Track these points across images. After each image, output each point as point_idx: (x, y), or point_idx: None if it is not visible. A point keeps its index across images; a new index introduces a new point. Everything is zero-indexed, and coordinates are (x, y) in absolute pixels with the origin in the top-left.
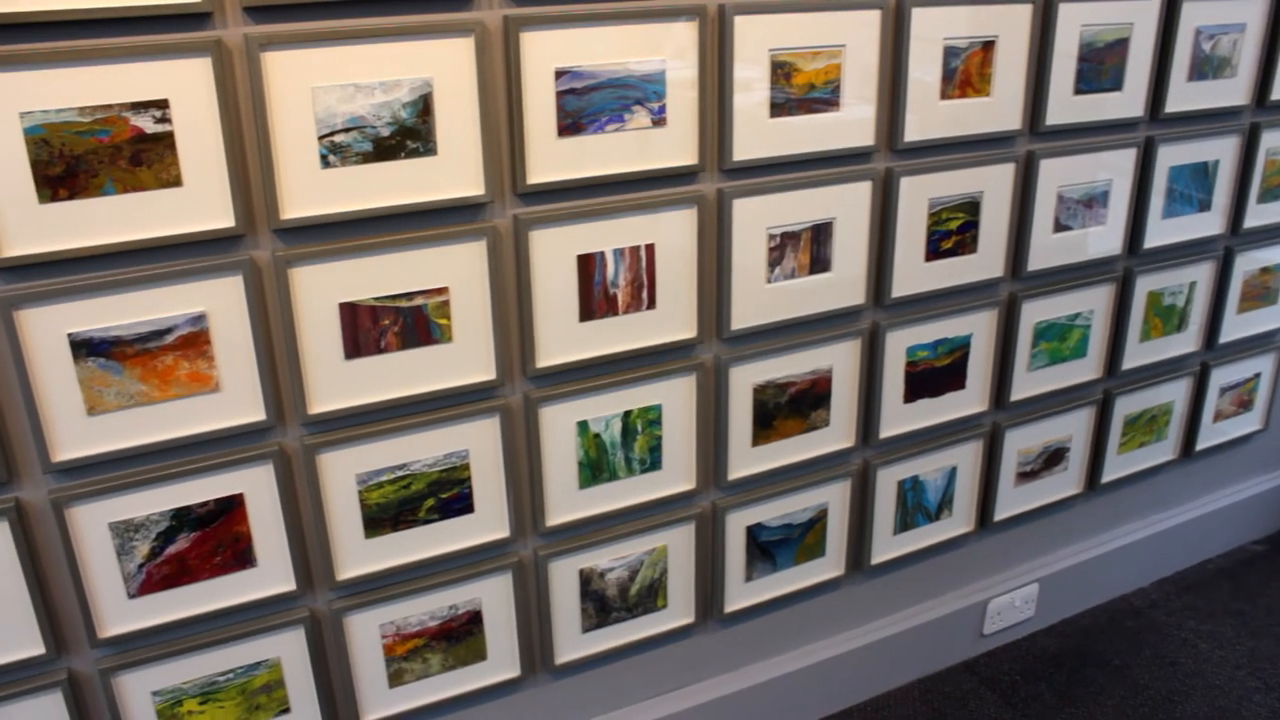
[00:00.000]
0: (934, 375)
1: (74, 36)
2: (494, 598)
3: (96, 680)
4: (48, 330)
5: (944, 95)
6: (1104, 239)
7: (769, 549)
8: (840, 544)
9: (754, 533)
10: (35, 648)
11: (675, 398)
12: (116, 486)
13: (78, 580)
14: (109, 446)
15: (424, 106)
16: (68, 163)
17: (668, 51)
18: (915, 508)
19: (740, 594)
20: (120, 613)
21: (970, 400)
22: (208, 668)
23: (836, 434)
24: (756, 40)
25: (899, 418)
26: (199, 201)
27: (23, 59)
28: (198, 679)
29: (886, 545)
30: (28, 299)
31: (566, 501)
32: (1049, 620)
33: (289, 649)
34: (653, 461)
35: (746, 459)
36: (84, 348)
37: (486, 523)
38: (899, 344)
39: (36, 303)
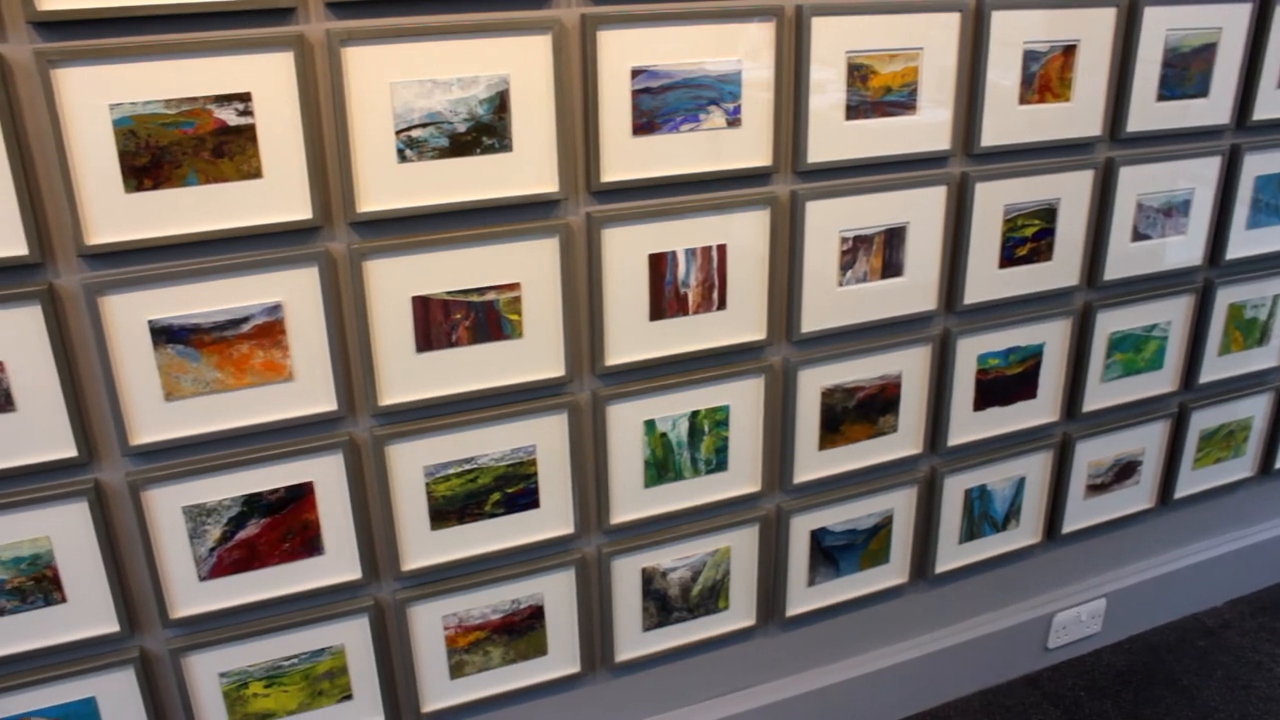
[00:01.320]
0: (1005, 383)
1: (162, 31)
2: (556, 593)
3: (167, 659)
4: (129, 317)
5: (1022, 100)
6: (1184, 249)
7: (832, 554)
8: (904, 551)
9: (818, 537)
10: (110, 625)
11: (743, 399)
12: (191, 471)
13: (152, 561)
14: (185, 432)
15: (500, 103)
16: (153, 153)
17: (744, 52)
18: (982, 517)
19: (802, 598)
20: (191, 594)
21: (1041, 410)
22: (273, 652)
23: (904, 440)
24: (833, 42)
25: (968, 425)
26: (278, 193)
27: (113, 53)
28: (263, 662)
29: (951, 554)
30: (111, 286)
31: (631, 500)
32: (1116, 636)
33: (353, 637)
34: (719, 462)
35: (812, 462)
36: (163, 334)
37: (551, 518)
38: (970, 351)
39: (120, 289)
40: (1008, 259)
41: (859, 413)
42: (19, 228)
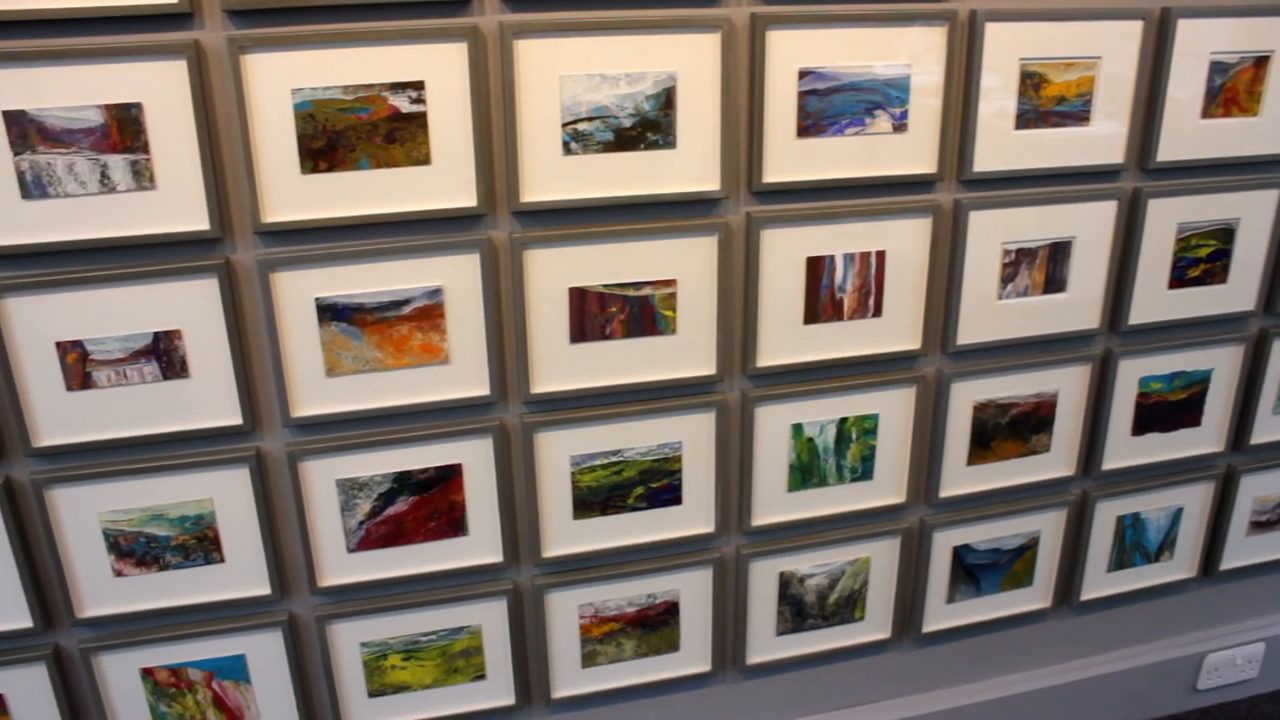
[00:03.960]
0: (1167, 409)
1: (344, 20)
2: (692, 591)
3: (313, 625)
4: (298, 293)
5: (1205, 113)
6: None
7: (974, 572)
8: (1049, 575)
9: (960, 554)
10: (263, 588)
11: (893, 408)
12: (346, 446)
13: (304, 530)
14: (343, 407)
15: (667, 100)
16: (329, 137)
17: (913, 56)
18: (1134, 546)
19: (940, 615)
20: (339, 565)
21: (1205, 439)
22: (413, 627)
23: (1056, 461)
24: (1007, 48)
25: (1125, 450)
26: (445, 180)
27: (298, 40)
28: (403, 636)
29: (1099, 582)
30: (283, 263)
31: (773, 503)
32: (1274, 684)
33: (490, 618)
34: (864, 471)
35: (960, 478)
36: (328, 312)
37: (693, 516)
38: (1132, 373)
39: (290, 267)
40: (1178, 280)
41: (1011, 430)
42: (203, 204)
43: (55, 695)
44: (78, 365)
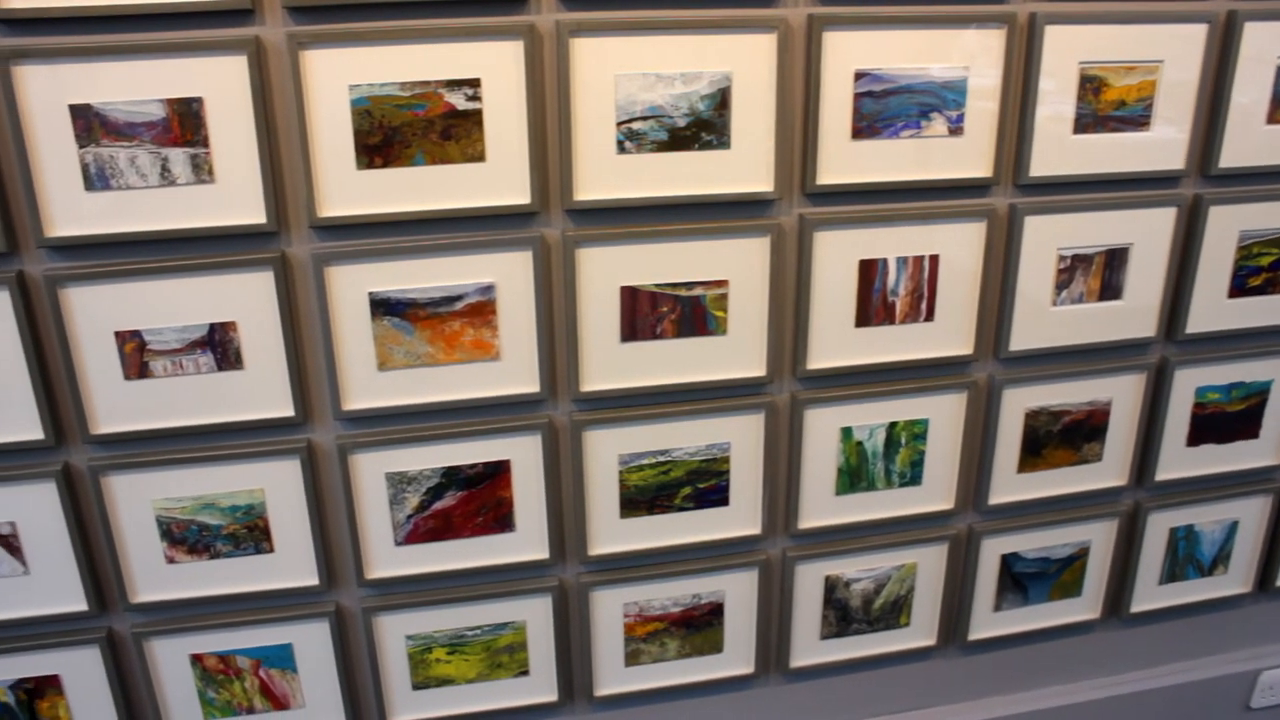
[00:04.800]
0: (1224, 420)
1: (401, 17)
2: (737, 592)
3: (359, 617)
4: (352, 288)
5: (1270, 119)
6: None
7: (1022, 581)
8: (1099, 586)
9: (1008, 562)
10: (311, 578)
11: (943, 413)
12: (396, 440)
13: (353, 523)
14: (394, 401)
15: (721, 100)
16: (385, 133)
17: (971, 59)
18: (1186, 559)
19: (986, 623)
20: (386, 558)
21: (1263, 451)
22: (458, 621)
23: (1108, 470)
24: (1066, 52)
25: (1179, 461)
26: (499, 177)
27: (356, 37)
28: (448, 630)
29: (1150, 594)
30: (338, 257)
31: (821, 506)
32: None
33: (535, 614)
34: (913, 476)
35: (1009, 485)
36: (382, 307)
37: (739, 517)
38: (1188, 383)
39: (344, 261)
40: (1238, 289)
41: (1063, 437)
42: (260, 197)
43: (108, 677)
44: (135, 355)
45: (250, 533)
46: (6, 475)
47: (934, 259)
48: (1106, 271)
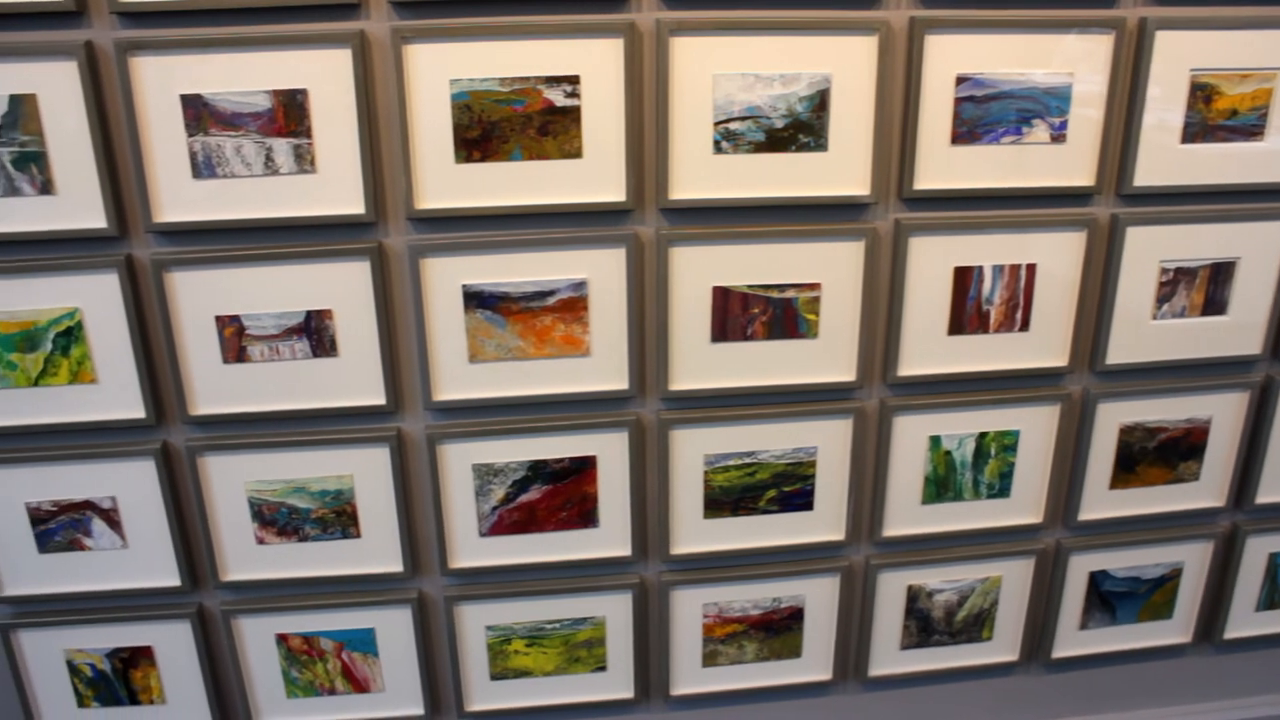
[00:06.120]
0: None
1: (502, 13)
2: (818, 598)
3: (441, 605)
4: (446, 280)
5: None
6: None
7: (1110, 600)
8: (1191, 609)
9: (1096, 580)
10: (395, 565)
11: (1035, 426)
12: (484, 432)
13: (439, 512)
14: (483, 393)
15: (820, 102)
16: (484, 128)
17: (1076, 65)
18: None
19: (1071, 641)
20: (470, 548)
21: None
22: (539, 614)
23: (1206, 490)
24: (1176, 58)
25: None
26: (595, 174)
27: (458, 32)
28: (528, 622)
29: (1245, 621)
30: (433, 249)
31: (906, 514)
32: None
33: (614, 610)
34: (1001, 488)
35: (1101, 501)
36: (475, 299)
37: (823, 522)
38: None
39: (440, 253)
40: None
41: (1158, 455)
42: (359, 188)
43: (197, 652)
44: (234, 339)
45: (338, 518)
46: (109, 452)
47: (1031, 268)
48: (1211, 286)
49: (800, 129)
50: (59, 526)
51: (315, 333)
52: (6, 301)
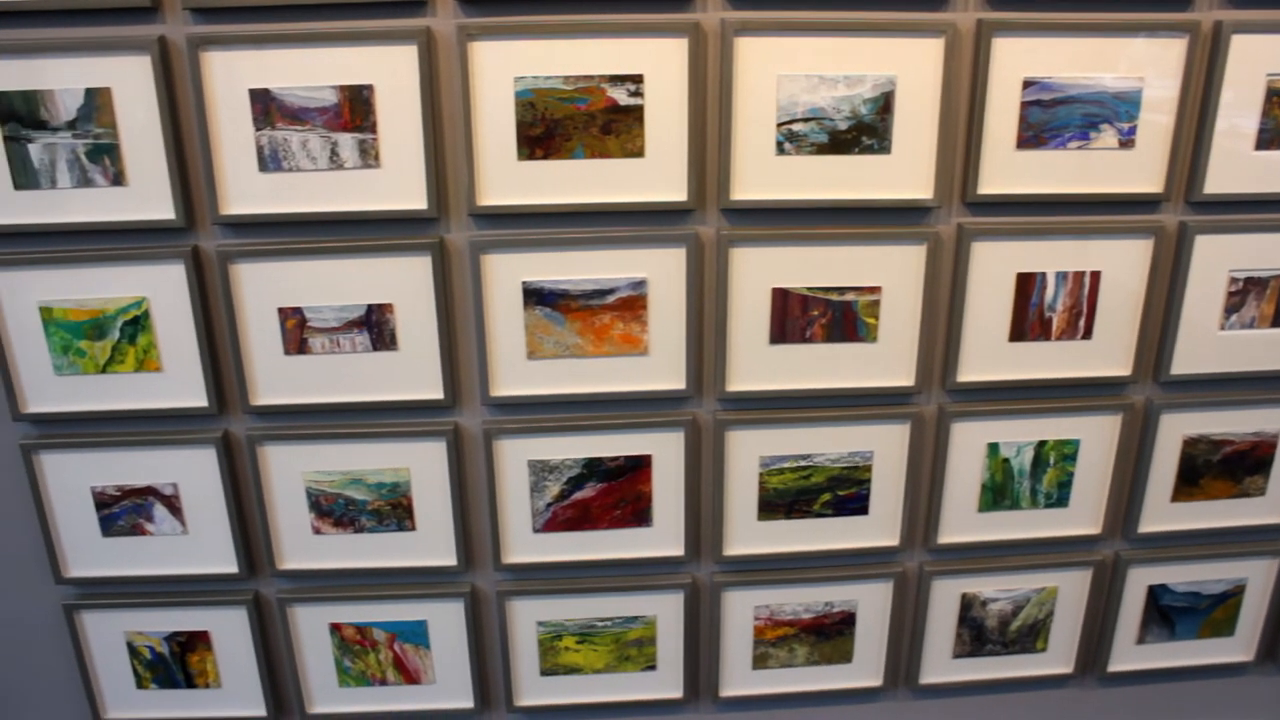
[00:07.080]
0: None
1: (567, 12)
2: (870, 603)
3: (493, 600)
4: (506, 276)
5: None
6: None
7: (1169, 614)
8: (1254, 627)
9: (1156, 594)
10: (449, 559)
11: (1095, 435)
12: (541, 428)
13: (493, 507)
14: (541, 390)
15: (884, 104)
16: (547, 125)
17: (1146, 69)
18: None
19: (1128, 655)
20: (524, 544)
21: None
22: (590, 611)
23: (1272, 506)
24: (1252, 62)
25: None
26: (657, 174)
27: (523, 30)
28: (579, 619)
29: None
30: (494, 245)
31: (961, 521)
32: None
33: (666, 610)
34: (1059, 498)
35: (1162, 514)
36: (534, 296)
37: (878, 527)
38: None
39: (500, 250)
40: None
41: (1223, 468)
42: (422, 184)
43: (253, 638)
44: (296, 331)
45: (394, 510)
46: (172, 439)
47: (1095, 275)
48: None
49: (864, 131)
50: (122, 511)
51: (375, 326)
52: (77, 290)
